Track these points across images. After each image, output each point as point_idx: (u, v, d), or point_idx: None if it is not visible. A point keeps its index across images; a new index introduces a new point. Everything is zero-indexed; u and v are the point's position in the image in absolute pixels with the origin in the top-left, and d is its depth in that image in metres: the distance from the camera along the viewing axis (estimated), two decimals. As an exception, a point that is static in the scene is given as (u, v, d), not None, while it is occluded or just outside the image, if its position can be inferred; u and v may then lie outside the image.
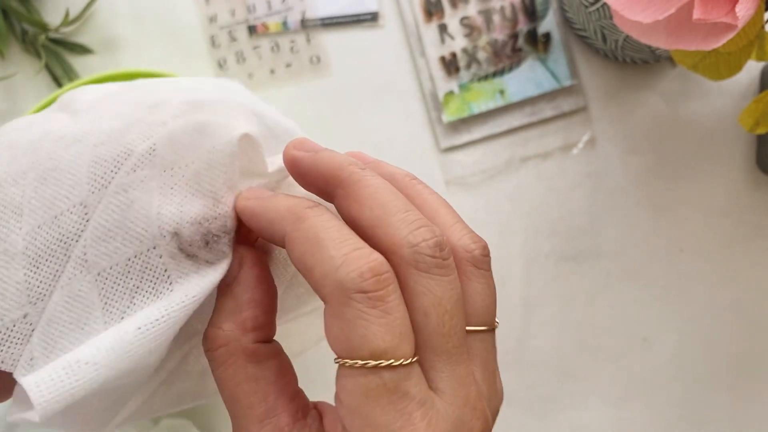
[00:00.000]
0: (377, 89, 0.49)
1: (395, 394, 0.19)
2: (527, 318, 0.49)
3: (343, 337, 0.19)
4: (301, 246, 0.20)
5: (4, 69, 0.47)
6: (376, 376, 0.19)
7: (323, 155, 0.22)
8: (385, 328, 0.19)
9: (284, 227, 0.20)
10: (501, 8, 0.49)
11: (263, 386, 0.21)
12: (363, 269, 0.19)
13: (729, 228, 0.51)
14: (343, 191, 0.21)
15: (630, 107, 0.50)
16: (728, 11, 0.30)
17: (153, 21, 0.48)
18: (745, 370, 0.51)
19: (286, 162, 0.23)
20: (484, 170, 0.50)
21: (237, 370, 0.21)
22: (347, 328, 0.19)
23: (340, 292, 0.19)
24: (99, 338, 0.21)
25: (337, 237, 0.20)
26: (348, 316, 0.19)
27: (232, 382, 0.21)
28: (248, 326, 0.22)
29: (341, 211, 0.21)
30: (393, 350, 0.19)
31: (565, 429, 0.50)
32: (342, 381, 0.19)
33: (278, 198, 0.21)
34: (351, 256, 0.19)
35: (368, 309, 0.19)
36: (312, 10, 0.48)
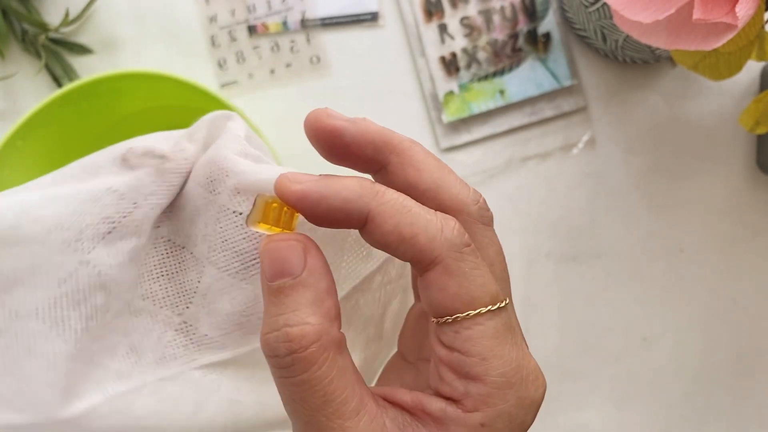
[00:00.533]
0: (377, 89, 0.49)
1: (511, 331, 0.21)
2: (527, 318, 0.49)
3: (464, 290, 0.20)
4: (394, 217, 0.20)
5: (4, 69, 0.47)
6: (499, 317, 0.20)
7: (366, 124, 0.22)
8: (490, 275, 0.20)
9: (367, 203, 0.20)
10: (501, 8, 0.49)
11: (350, 377, 0.20)
12: (458, 226, 0.20)
13: (729, 228, 0.51)
14: (398, 158, 0.22)
15: (630, 107, 0.50)
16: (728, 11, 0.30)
17: (153, 21, 0.48)
18: (744, 370, 0.51)
19: (323, 132, 0.21)
20: (485, 170, 0.50)
21: (331, 365, 0.20)
22: (467, 281, 0.20)
23: (455, 250, 0.20)
24: None
25: (417, 204, 0.20)
26: (466, 269, 0.20)
27: (327, 379, 0.19)
28: (333, 315, 0.20)
29: (395, 177, 0.22)
30: (501, 293, 0.21)
31: (565, 429, 0.50)
32: (465, 333, 0.20)
33: (340, 178, 0.20)
34: (441, 218, 0.20)
35: (476, 259, 0.20)
36: (312, 10, 0.48)
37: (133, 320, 0.24)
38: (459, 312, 0.20)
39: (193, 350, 0.25)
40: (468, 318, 0.20)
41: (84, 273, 0.22)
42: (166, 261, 0.24)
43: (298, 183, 0.20)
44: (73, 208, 0.22)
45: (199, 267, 0.24)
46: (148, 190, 0.23)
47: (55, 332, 0.22)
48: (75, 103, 0.41)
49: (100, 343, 0.23)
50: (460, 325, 0.20)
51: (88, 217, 0.22)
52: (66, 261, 0.22)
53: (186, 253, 0.24)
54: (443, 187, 0.21)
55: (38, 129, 0.41)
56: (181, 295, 0.25)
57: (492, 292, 0.20)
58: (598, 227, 0.50)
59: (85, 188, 0.22)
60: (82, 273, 0.22)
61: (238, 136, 0.24)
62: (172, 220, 0.24)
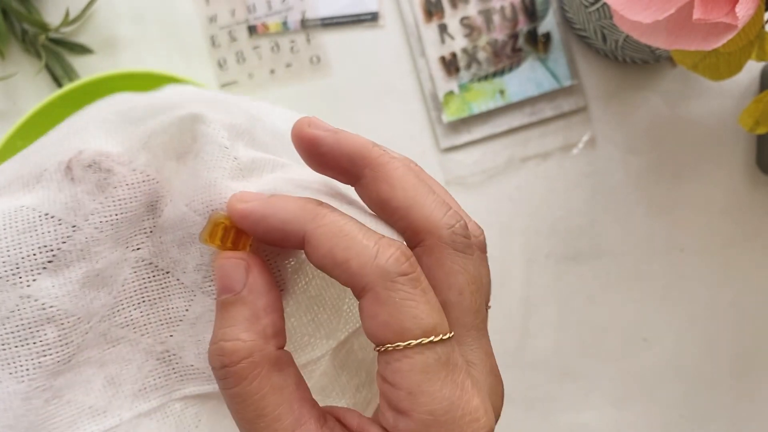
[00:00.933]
0: (377, 89, 0.49)
1: (448, 367, 0.20)
2: (527, 318, 0.49)
3: (394, 320, 0.19)
4: (328, 241, 0.20)
5: (4, 69, 0.47)
6: (432, 351, 0.19)
7: (346, 135, 0.22)
8: (429, 306, 0.20)
9: (303, 226, 0.20)
10: (501, 8, 0.49)
11: (288, 395, 0.20)
12: (397, 254, 0.20)
13: (729, 228, 0.51)
14: (372, 172, 0.21)
15: (630, 107, 0.50)
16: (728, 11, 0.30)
17: (153, 21, 0.48)
18: (745, 370, 0.51)
19: (302, 141, 0.22)
20: (485, 170, 0.50)
21: (263, 381, 0.20)
22: (397, 311, 0.19)
23: (385, 278, 0.19)
24: None
25: (360, 229, 0.20)
26: (396, 300, 0.19)
27: (258, 395, 0.20)
28: (269, 333, 0.21)
29: (368, 192, 0.22)
30: (440, 325, 0.20)
31: (565, 429, 0.50)
32: (395, 365, 0.20)
33: (284, 198, 0.21)
34: (382, 244, 0.20)
35: (412, 290, 0.19)
36: (312, 10, 0.48)
37: (111, 350, 0.23)
38: (389, 342, 0.19)
39: (175, 380, 0.24)
40: (397, 349, 0.19)
41: (27, 308, 0.21)
42: (147, 286, 0.24)
43: (243, 202, 0.21)
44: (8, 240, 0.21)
45: (188, 295, 0.24)
46: (88, 210, 0.22)
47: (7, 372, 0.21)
48: (75, 103, 0.41)
49: (65, 378, 0.22)
50: (390, 355, 0.20)
51: (24, 248, 0.21)
52: (6, 298, 0.21)
53: (171, 279, 0.24)
54: (414, 207, 0.21)
55: (38, 129, 0.41)
56: (164, 323, 0.24)
57: (425, 325, 0.19)
58: (598, 227, 0.50)
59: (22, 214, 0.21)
60: (24, 308, 0.21)
61: (224, 147, 0.23)
62: (154, 242, 0.23)
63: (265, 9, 0.48)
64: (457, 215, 0.21)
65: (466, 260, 0.21)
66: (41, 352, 0.22)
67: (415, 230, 0.21)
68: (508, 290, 0.49)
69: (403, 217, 0.21)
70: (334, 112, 0.49)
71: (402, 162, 0.22)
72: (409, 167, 0.22)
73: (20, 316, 0.21)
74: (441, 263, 0.21)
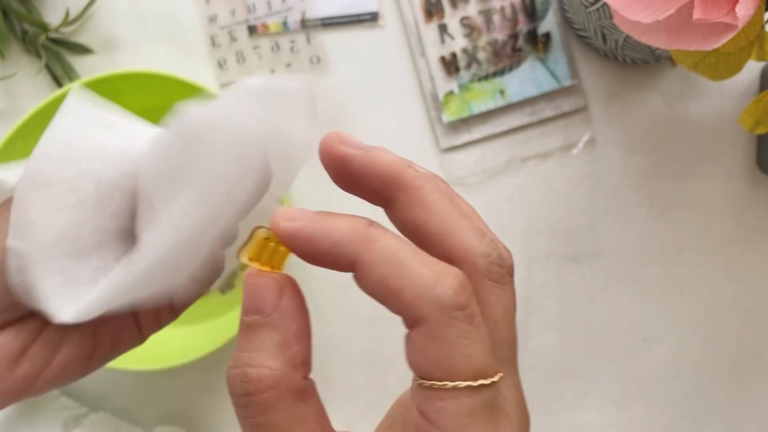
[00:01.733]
0: (377, 89, 0.49)
1: (493, 411, 0.19)
2: (527, 318, 0.49)
3: (445, 358, 0.18)
4: (381, 268, 0.18)
5: (4, 69, 0.47)
6: (480, 395, 0.18)
7: (378, 154, 0.20)
8: (482, 346, 0.18)
9: (355, 249, 0.19)
10: (501, 8, 0.49)
11: (311, 426, 0.19)
12: (455, 284, 0.18)
13: (729, 228, 0.51)
14: (406, 196, 0.20)
15: (630, 107, 0.50)
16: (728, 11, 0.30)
17: (153, 21, 0.48)
18: (744, 370, 0.51)
19: (331, 159, 0.20)
20: (484, 170, 0.50)
21: (288, 413, 0.19)
22: (450, 349, 0.18)
23: (441, 312, 0.18)
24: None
25: (416, 254, 0.19)
26: (451, 336, 0.18)
27: (282, 427, 0.19)
28: (297, 361, 0.19)
29: (401, 216, 0.20)
30: (490, 367, 0.18)
31: (566, 429, 0.50)
32: (439, 403, 0.18)
33: (335, 217, 0.19)
34: (439, 272, 0.18)
35: (468, 326, 0.18)
36: (312, 10, 0.48)
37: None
38: (435, 379, 0.18)
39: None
40: (444, 388, 0.18)
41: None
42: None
43: (289, 221, 0.19)
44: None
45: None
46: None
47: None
48: (75, 103, 0.41)
49: None
50: (434, 393, 0.18)
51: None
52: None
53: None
54: (450, 234, 0.20)
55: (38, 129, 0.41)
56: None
57: (476, 367, 0.18)
58: (598, 227, 0.50)
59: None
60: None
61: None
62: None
63: (265, 9, 0.48)
64: (494, 243, 0.20)
65: (502, 291, 0.20)
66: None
67: (450, 258, 0.19)
68: (508, 290, 0.49)
69: (437, 244, 0.20)
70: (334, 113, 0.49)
71: (436, 185, 0.20)
72: (443, 190, 0.20)
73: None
74: (477, 294, 0.19)
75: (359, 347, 0.48)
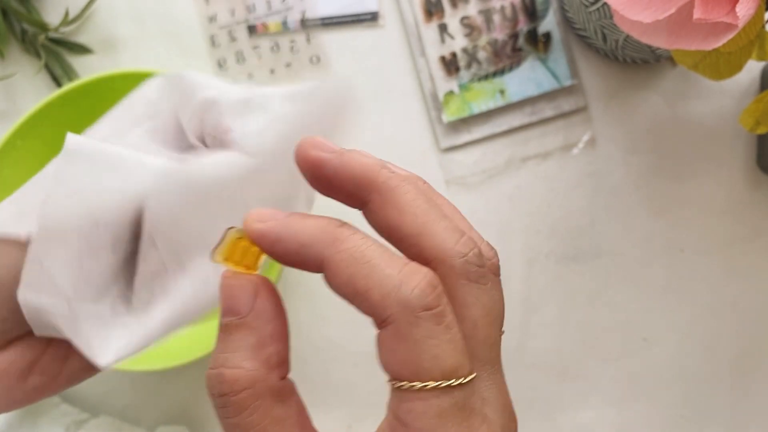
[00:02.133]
0: (377, 89, 0.49)
1: (465, 412, 0.18)
2: (527, 318, 0.49)
3: (412, 359, 0.18)
4: (348, 268, 0.18)
5: (3, 69, 0.47)
6: (449, 396, 0.18)
7: (353, 156, 0.21)
8: (452, 345, 0.18)
9: (322, 250, 0.19)
10: (501, 8, 0.49)
11: (289, 427, 0.19)
12: (423, 284, 0.18)
13: (729, 228, 0.51)
14: (380, 197, 0.20)
15: (630, 107, 0.50)
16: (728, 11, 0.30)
17: (153, 21, 0.48)
18: (745, 370, 0.51)
19: (306, 163, 0.21)
20: (485, 170, 0.50)
21: (264, 413, 0.19)
22: (417, 349, 0.18)
23: (408, 312, 0.18)
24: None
25: (383, 254, 0.19)
26: (417, 336, 0.18)
27: (258, 427, 0.19)
28: (273, 362, 0.19)
29: (376, 217, 0.20)
30: (461, 368, 0.18)
31: (565, 429, 0.50)
32: (409, 404, 0.18)
33: (304, 218, 0.20)
34: (406, 272, 0.18)
35: (436, 326, 0.18)
36: (312, 9, 0.48)
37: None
38: (405, 379, 0.18)
39: None
40: (413, 389, 0.18)
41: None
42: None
43: (260, 221, 0.20)
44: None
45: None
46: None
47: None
48: (75, 103, 0.41)
49: None
50: (404, 393, 0.18)
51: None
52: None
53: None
54: (425, 235, 0.19)
55: (38, 129, 0.41)
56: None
57: (446, 367, 0.18)
58: (598, 227, 0.50)
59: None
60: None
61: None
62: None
63: (264, 9, 0.48)
64: (471, 242, 0.20)
65: (480, 290, 0.20)
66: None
67: (426, 259, 0.19)
68: (508, 290, 0.49)
69: (413, 245, 0.20)
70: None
71: (412, 184, 0.20)
72: (420, 189, 0.20)
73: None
74: (453, 295, 0.19)
75: (359, 347, 0.48)
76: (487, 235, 0.22)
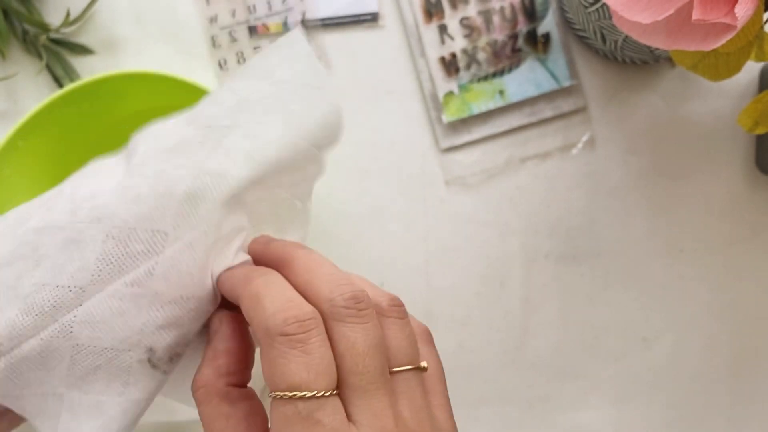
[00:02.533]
0: (377, 89, 0.49)
1: (308, 422, 0.22)
2: (527, 318, 0.50)
3: (269, 373, 0.23)
4: (246, 302, 0.24)
5: (4, 69, 0.47)
6: (292, 405, 0.22)
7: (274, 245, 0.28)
8: (302, 366, 0.22)
9: (238, 290, 0.25)
10: (501, 9, 0.49)
11: (234, 424, 0.25)
12: (287, 315, 0.23)
13: (728, 228, 0.51)
14: (284, 268, 0.26)
15: (629, 108, 0.50)
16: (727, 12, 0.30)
17: (154, 21, 0.48)
18: (744, 370, 0.51)
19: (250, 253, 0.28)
20: (484, 170, 0.50)
21: (213, 408, 0.25)
22: (271, 365, 0.23)
23: (266, 336, 0.23)
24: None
25: (276, 293, 0.24)
26: (271, 356, 0.23)
27: (209, 418, 0.25)
28: (222, 371, 0.26)
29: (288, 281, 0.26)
30: (307, 384, 0.22)
31: (565, 429, 0.50)
32: (271, 411, 0.23)
33: (240, 268, 0.27)
34: (281, 307, 0.23)
35: (288, 349, 0.22)
36: (312, 10, 0.49)
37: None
38: (271, 390, 0.23)
39: None
40: (272, 397, 0.23)
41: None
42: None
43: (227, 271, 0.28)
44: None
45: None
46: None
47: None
48: (76, 104, 0.41)
49: None
50: (272, 400, 0.23)
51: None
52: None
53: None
54: (307, 288, 0.25)
55: (39, 129, 0.41)
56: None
57: (291, 381, 0.22)
58: (597, 227, 0.50)
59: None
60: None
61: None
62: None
63: (265, 9, 0.48)
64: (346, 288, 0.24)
65: (345, 328, 0.24)
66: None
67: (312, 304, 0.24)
68: (507, 290, 0.50)
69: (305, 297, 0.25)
70: (335, 113, 0.49)
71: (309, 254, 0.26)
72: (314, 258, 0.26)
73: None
74: (329, 333, 0.24)
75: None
76: (486, 235, 0.23)
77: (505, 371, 0.50)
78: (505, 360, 0.50)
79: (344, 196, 0.49)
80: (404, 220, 0.49)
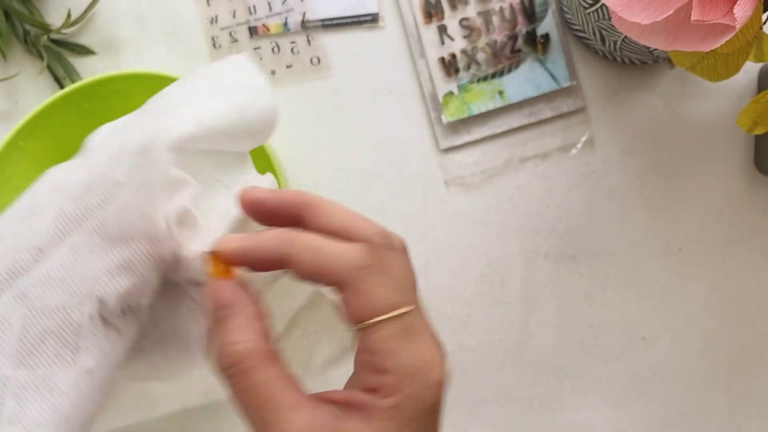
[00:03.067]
0: (377, 90, 0.49)
1: (410, 331, 0.25)
2: (526, 317, 0.50)
3: (368, 302, 0.25)
4: (306, 255, 0.25)
5: (6, 69, 0.47)
6: (399, 321, 0.25)
7: (284, 191, 0.28)
8: (392, 288, 0.25)
9: (282, 249, 0.25)
10: (500, 9, 0.49)
11: (287, 380, 0.25)
12: (359, 252, 0.25)
13: (727, 228, 0.51)
14: (310, 209, 0.27)
15: (629, 108, 0.50)
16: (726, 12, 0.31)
17: (154, 22, 0.48)
18: (743, 369, 0.51)
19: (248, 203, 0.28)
20: (484, 170, 0.50)
21: (268, 372, 0.25)
22: (370, 295, 0.25)
23: (356, 272, 0.25)
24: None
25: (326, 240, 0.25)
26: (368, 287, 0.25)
27: (265, 383, 0.25)
28: (267, 332, 0.26)
29: (308, 225, 0.27)
30: (401, 302, 0.25)
31: (565, 428, 0.50)
32: (372, 336, 0.25)
33: (263, 232, 0.26)
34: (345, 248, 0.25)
35: (378, 278, 0.25)
36: (312, 11, 0.49)
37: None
38: (366, 320, 0.25)
39: None
40: (372, 324, 0.25)
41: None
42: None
43: (232, 242, 0.27)
44: None
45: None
46: None
47: None
48: (77, 104, 0.41)
49: None
50: (368, 330, 0.25)
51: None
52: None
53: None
54: (351, 227, 0.26)
55: (40, 129, 0.41)
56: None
57: (391, 302, 0.25)
58: (596, 227, 0.50)
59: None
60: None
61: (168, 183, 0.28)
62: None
63: (265, 10, 0.49)
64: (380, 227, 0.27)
65: (396, 254, 0.26)
66: None
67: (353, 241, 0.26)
68: (507, 289, 0.50)
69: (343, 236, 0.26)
70: (335, 113, 0.49)
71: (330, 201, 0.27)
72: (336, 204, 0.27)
73: None
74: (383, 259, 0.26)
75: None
76: (486, 235, 0.24)
77: (504, 371, 0.50)
78: (504, 359, 0.50)
79: (344, 196, 0.49)
80: (404, 220, 0.49)
